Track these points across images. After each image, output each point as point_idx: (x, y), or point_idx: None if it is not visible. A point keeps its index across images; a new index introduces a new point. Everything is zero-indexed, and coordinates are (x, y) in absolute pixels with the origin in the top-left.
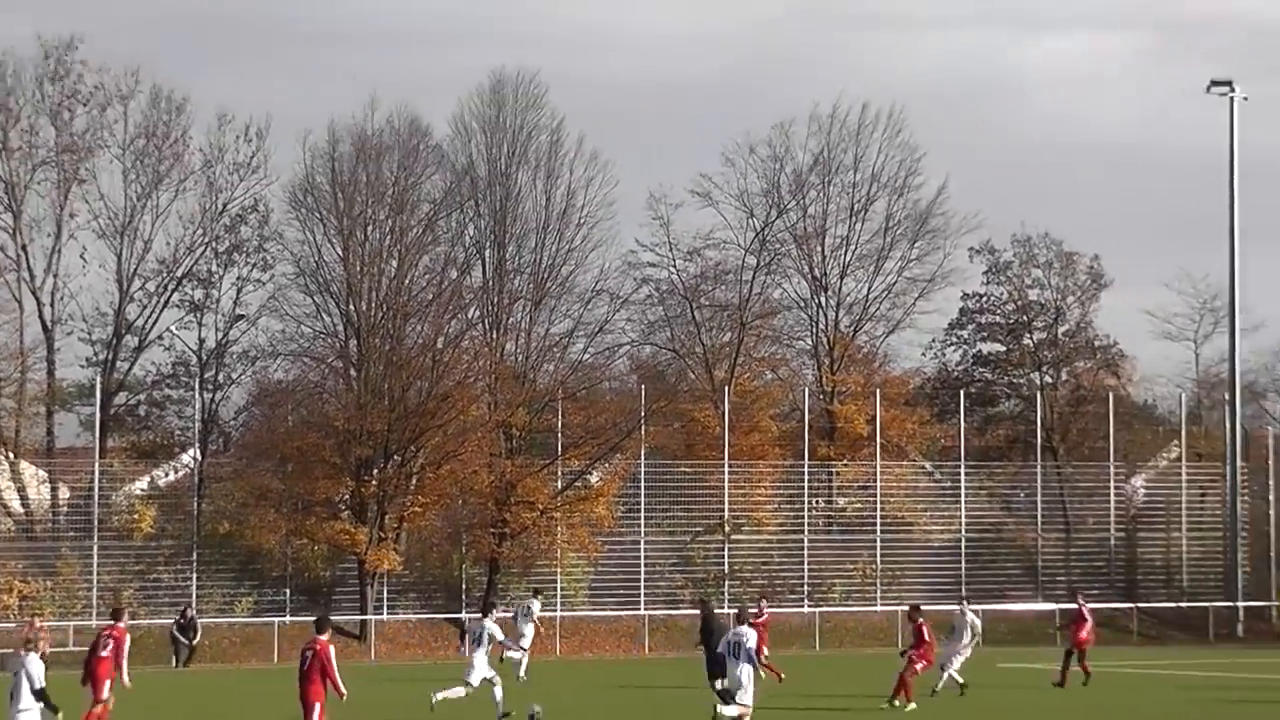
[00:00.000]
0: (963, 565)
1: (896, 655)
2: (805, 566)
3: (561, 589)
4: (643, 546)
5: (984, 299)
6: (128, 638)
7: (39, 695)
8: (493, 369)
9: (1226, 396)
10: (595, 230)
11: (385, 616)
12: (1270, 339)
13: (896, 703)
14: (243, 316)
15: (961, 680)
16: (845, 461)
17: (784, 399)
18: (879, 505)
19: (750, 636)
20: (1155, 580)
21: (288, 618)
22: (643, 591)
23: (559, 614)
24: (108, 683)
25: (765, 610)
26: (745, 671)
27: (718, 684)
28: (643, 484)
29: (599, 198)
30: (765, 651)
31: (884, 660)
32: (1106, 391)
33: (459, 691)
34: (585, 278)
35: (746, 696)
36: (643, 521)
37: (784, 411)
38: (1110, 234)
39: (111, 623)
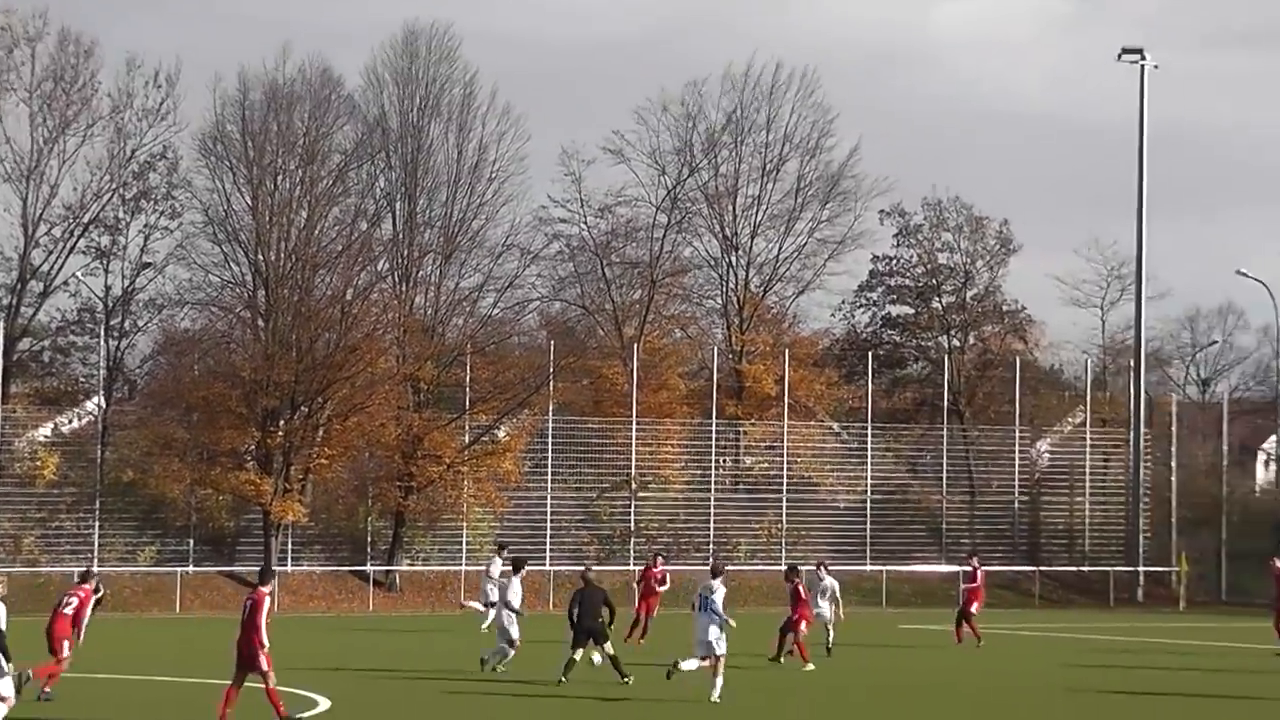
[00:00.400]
0: (868, 526)
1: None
2: (711, 525)
3: (467, 544)
4: (549, 502)
5: (894, 262)
6: (92, 600)
7: None
8: (401, 322)
9: (1131, 363)
10: (507, 185)
11: (290, 568)
12: (1176, 307)
13: (783, 660)
14: (150, 264)
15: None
16: (753, 421)
17: (693, 357)
18: (785, 465)
19: (720, 592)
20: (1058, 544)
21: (191, 568)
22: (548, 547)
23: (464, 568)
24: (66, 642)
25: (661, 567)
26: (713, 629)
27: (578, 653)
28: (550, 440)
29: (511, 153)
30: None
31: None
32: (1013, 356)
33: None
34: (496, 232)
35: (721, 646)
36: (549, 477)
37: (692, 370)
38: (1020, 199)
39: (78, 583)
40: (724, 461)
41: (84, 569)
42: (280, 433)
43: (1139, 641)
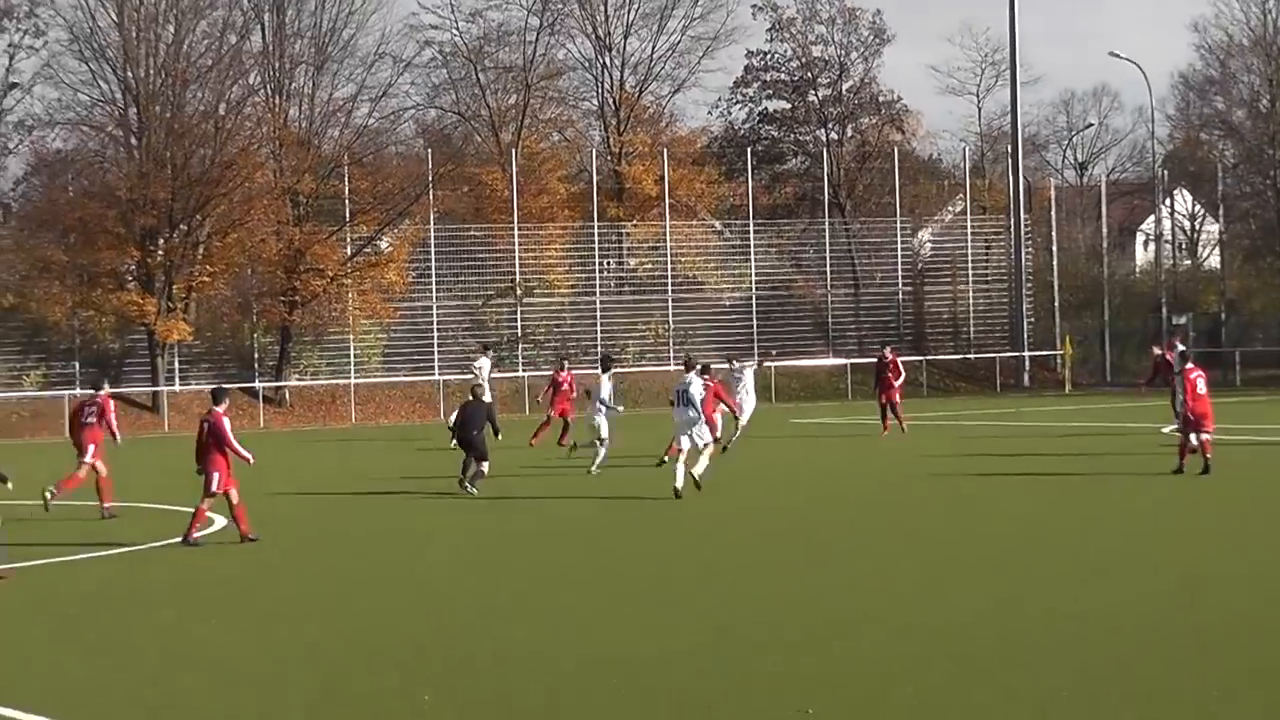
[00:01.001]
0: (754, 322)
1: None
2: (598, 328)
3: (355, 356)
4: (435, 311)
5: (768, 56)
6: (112, 404)
7: None
8: (277, 135)
9: (1009, 150)
10: None
11: (177, 387)
12: (1051, 91)
13: (667, 459)
14: (16, 85)
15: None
16: (635, 222)
17: (572, 161)
18: (669, 265)
19: (697, 384)
20: (943, 333)
21: (77, 390)
22: (436, 356)
23: (353, 381)
24: (92, 447)
25: (568, 371)
26: (691, 419)
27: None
28: (433, 249)
29: None
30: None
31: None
32: (891, 147)
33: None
34: (367, 41)
35: (704, 433)
36: (434, 286)
37: (572, 173)
38: None
39: (92, 393)
40: (608, 264)
41: (94, 381)
42: (160, 252)
43: (1028, 426)
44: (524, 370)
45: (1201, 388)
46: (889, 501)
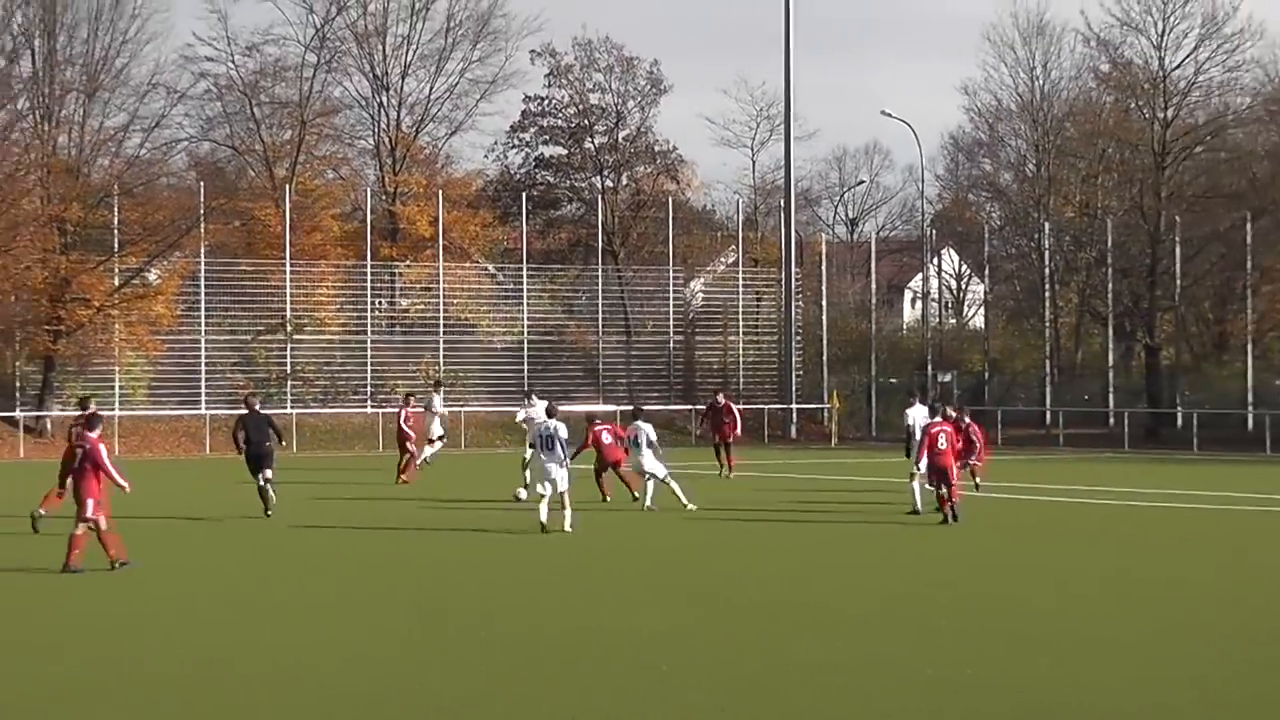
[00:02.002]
0: (525, 367)
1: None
2: (369, 367)
3: (120, 388)
4: (203, 345)
5: (546, 102)
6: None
7: None
8: (44, 162)
9: (781, 203)
10: (150, 22)
11: None
12: (824, 147)
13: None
14: None
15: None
16: (408, 263)
17: (346, 198)
18: (442, 307)
19: (562, 429)
20: (712, 383)
21: None
22: (204, 391)
23: (117, 413)
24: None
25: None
26: (557, 466)
27: (260, 477)
28: (203, 282)
29: None
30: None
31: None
32: (666, 196)
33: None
34: (141, 70)
35: (564, 484)
36: (203, 320)
37: (346, 211)
38: (669, 40)
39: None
40: (380, 304)
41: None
42: None
43: (793, 478)
44: (292, 408)
45: (942, 443)
46: (660, 546)
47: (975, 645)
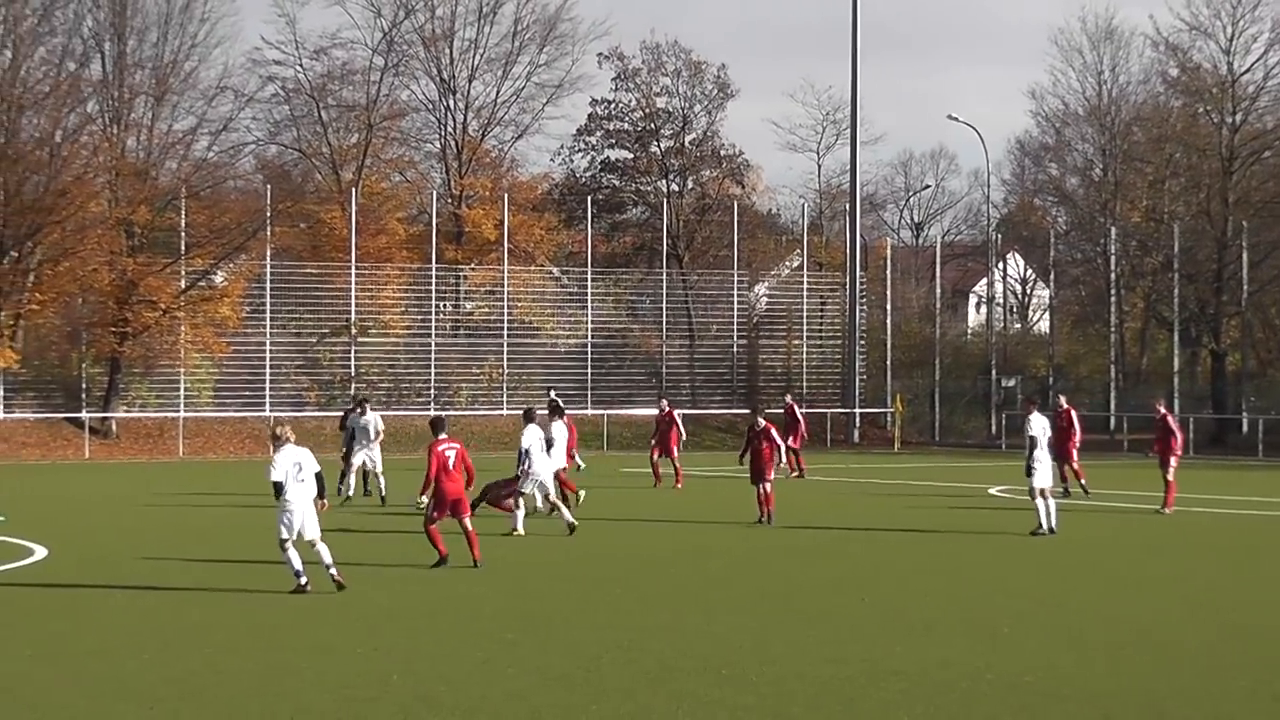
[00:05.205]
0: (588, 370)
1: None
2: (433, 370)
3: (185, 390)
4: (268, 348)
5: (612, 106)
6: None
7: None
8: (113, 165)
9: (847, 207)
10: (219, 26)
11: (1, 415)
12: (889, 152)
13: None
14: None
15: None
16: (473, 265)
17: (412, 202)
18: (506, 310)
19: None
20: (776, 387)
21: None
22: (268, 393)
23: (182, 415)
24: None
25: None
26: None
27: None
28: (268, 285)
29: None
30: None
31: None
32: (731, 200)
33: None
34: (209, 74)
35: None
36: (268, 322)
37: (412, 215)
38: (737, 44)
39: None
40: (444, 306)
41: None
42: None
43: (854, 483)
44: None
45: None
46: (718, 552)
47: (1038, 650)
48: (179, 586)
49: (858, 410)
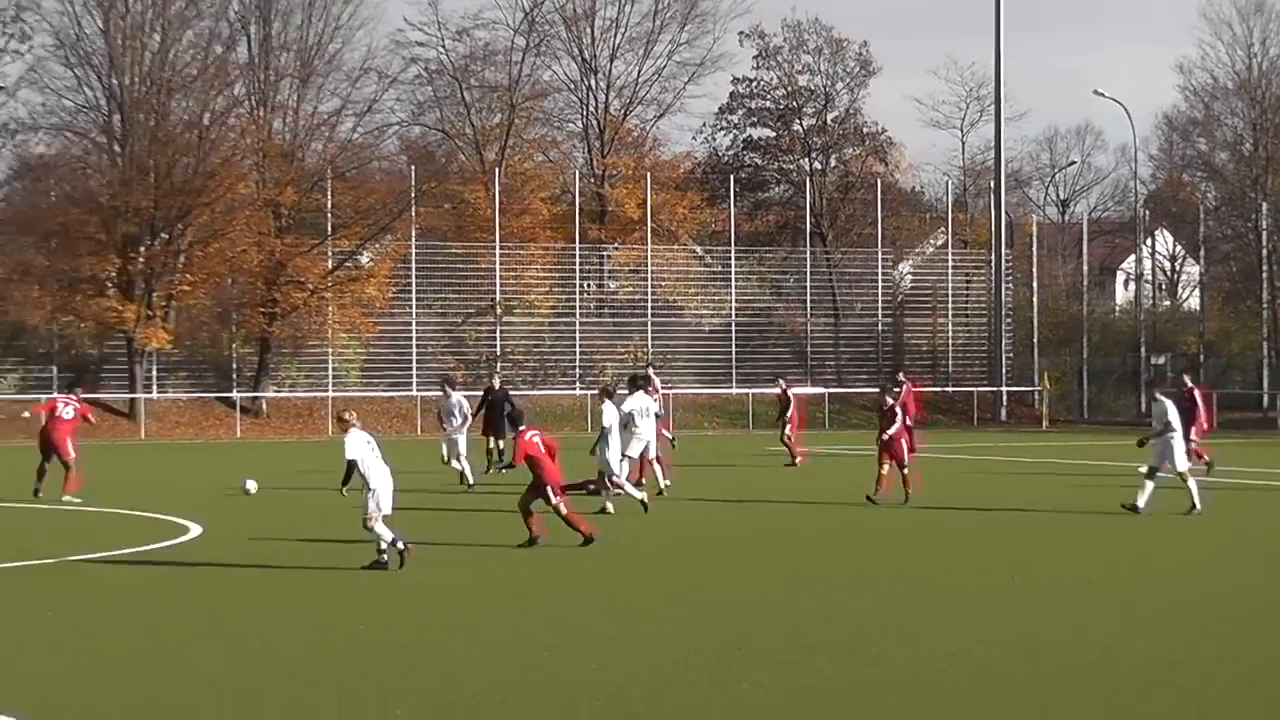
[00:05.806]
0: (733, 349)
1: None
2: (577, 349)
3: (333, 369)
4: (414, 328)
5: (754, 84)
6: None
7: None
8: (260, 147)
9: (991, 184)
10: (362, 8)
11: (155, 395)
12: (1034, 128)
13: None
14: (2, 88)
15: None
16: (616, 245)
17: (555, 181)
18: (650, 289)
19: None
20: (921, 365)
21: (55, 395)
22: (415, 372)
23: (330, 394)
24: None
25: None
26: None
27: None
28: (414, 265)
29: None
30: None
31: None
32: (875, 178)
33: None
34: (353, 56)
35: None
36: (414, 302)
37: (555, 194)
38: (879, 21)
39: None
40: (588, 286)
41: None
42: (141, 259)
43: (1001, 460)
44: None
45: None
46: (863, 532)
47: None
48: (328, 566)
49: (1004, 389)
